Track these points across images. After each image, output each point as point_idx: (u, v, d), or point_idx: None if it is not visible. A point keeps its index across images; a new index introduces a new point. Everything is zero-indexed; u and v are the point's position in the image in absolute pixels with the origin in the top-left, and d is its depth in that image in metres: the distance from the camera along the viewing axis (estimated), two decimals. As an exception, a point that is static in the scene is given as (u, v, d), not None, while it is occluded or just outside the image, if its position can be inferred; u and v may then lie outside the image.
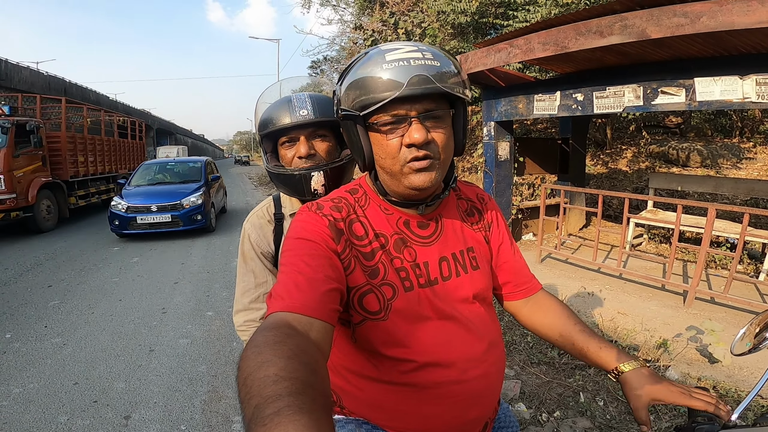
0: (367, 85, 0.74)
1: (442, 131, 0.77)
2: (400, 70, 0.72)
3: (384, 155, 0.77)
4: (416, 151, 0.74)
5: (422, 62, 0.73)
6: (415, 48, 0.75)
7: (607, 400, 2.39)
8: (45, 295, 4.55)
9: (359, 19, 13.15)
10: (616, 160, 10.08)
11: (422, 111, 0.74)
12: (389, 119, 0.75)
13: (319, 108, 1.18)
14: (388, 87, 0.72)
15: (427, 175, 0.76)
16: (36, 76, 21.05)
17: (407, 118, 0.74)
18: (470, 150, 10.76)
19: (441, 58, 0.76)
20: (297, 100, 1.19)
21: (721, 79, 3.45)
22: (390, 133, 0.76)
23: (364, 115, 0.75)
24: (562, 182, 6.56)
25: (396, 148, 0.76)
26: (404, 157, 0.75)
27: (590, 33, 3.66)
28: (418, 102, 0.74)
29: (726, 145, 9.03)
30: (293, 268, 0.70)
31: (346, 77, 0.78)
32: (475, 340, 0.83)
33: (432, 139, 0.75)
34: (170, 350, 3.25)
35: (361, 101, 0.74)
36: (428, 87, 0.72)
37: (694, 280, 3.68)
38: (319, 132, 1.20)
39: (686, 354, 2.86)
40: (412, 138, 0.73)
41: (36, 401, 2.59)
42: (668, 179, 6.40)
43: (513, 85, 5.25)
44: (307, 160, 1.19)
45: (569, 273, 4.74)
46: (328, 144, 1.22)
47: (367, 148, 0.79)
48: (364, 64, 0.75)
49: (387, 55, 0.74)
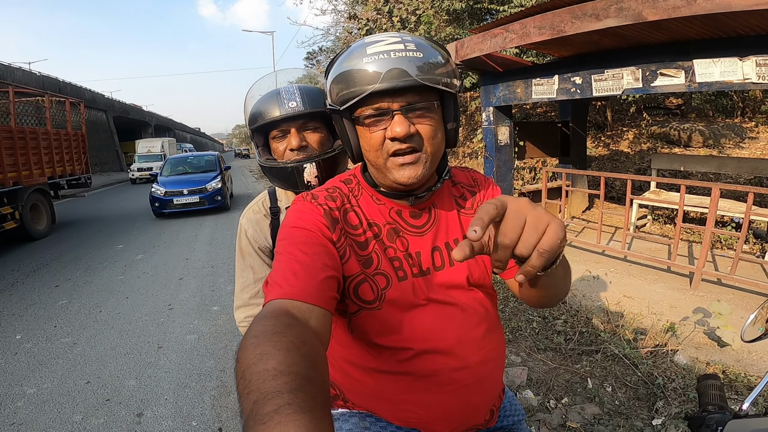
0: (349, 78, 0.73)
1: (428, 123, 0.75)
2: (379, 63, 0.71)
3: (368, 148, 0.77)
4: (399, 144, 0.74)
5: (402, 54, 0.72)
6: (398, 39, 0.74)
7: (615, 386, 2.40)
8: (53, 295, 4.58)
9: (353, 8, 12.98)
10: (618, 142, 10.01)
11: (404, 104, 0.73)
12: (372, 112, 0.74)
13: (309, 99, 1.17)
14: (368, 80, 0.71)
15: (413, 170, 0.75)
16: (29, 77, 20.94)
17: (390, 111, 0.73)
18: (470, 135, 10.70)
19: (425, 49, 0.74)
20: (286, 93, 1.18)
21: (720, 60, 3.42)
22: (373, 126, 0.75)
23: (349, 108, 0.75)
24: (564, 165, 6.53)
25: (379, 141, 0.75)
26: (387, 150, 0.75)
27: (586, 16, 3.62)
28: (400, 95, 0.73)
29: (728, 125, 8.95)
30: (290, 257, 0.70)
31: (331, 71, 0.78)
32: (471, 326, 0.83)
33: (416, 132, 0.74)
34: (178, 346, 3.27)
35: (342, 96, 0.74)
36: (405, 80, 0.71)
37: (700, 261, 3.68)
38: (309, 124, 1.19)
39: (694, 338, 2.86)
40: (394, 132, 0.73)
41: (50, 401, 2.62)
42: (671, 160, 6.35)
43: (510, 70, 5.20)
44: (298, 152, 1.18)
45: (573, 256, 4.74)
46: (320, 135, 1.21)
47: (354, 141, 0.79)
48: (347, 58, 0.75)
49: (368, 48, 0.73)
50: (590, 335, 2.92)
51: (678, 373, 2.39)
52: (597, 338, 2.86)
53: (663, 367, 2.48)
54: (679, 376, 2.37)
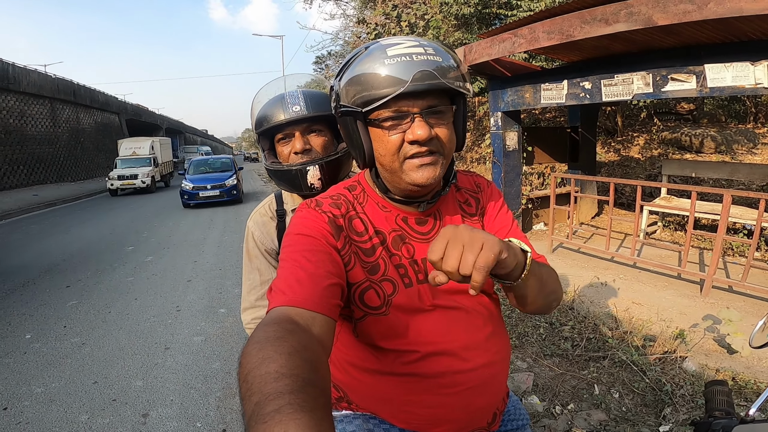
0: (369, 80, 0.72)
1: (445, 127, 0.76)
2: (403, 65, 0.70)
3: (384, 152, 0.76)
4: (419, 147, 0.74)
5: (425, 57, 0.72)
6: (416, 43, 0.74)
7: (622, 392, 2.37)
8: (63, 295, 4.64)
9: (362, 12, 13.08)
10: (628, 148, 9.92)
11: (425, 107, 0.73)
12: (391, 115, 0.74)
13: (312, 103, 1.19)
14: (391, 83, 0.71)
15: (431, 171, 0.75)
16: (44, 79, 21.29)
17: (409, 114, 0.73)
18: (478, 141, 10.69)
19: (442, 53, 0.75)
20: (290, 97, 1.19)
21: (732, 65, 3.38)
22: (392, 129, 0.75)
23: (366, 111, 0.74)
24: (573, 171, 6.48)
25: (396, 144, 0.75)
26: (405, 153, 0.75)
27: (595, 21, 3.60)
28: (421, 98, 0.73)
29: (740, 131, 8.82)
30: (294, 264, 0.70)
31: (346, 72, 0.77)
32: (476, 329, 0.83)
33: (435, 135, 0.74)
34: (185, 348, 3.30)
35: (362, 97, 0.73)
36: (432, 83, 0.71)
37: (711, 268, 3.62)
38: (313, 127, 1.21)
39: (704, 344, 2.82)
40: (416, 135, 0.72)
41: (57, 400, 2.65)
42: (682, 166, 6.28)
43: (519, 75, 5.19)
44: (302, 155, 1.19)
45: (582, 263, 4.70)
46: (324, 138, 1.22)
47: (368, 144, 0.78)
48: (365, 60, 0.74)
49: (389, 50, 0.72)
50: (598, 341, 2.89)
51: (687, 380, 2.36)
52: (605, 344, 2.83)
53: (671, 373, 2.45)
54: (688, 382, 2.33)
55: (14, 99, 18.70)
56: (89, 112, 26.57)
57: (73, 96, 24.07)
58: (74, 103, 24.34)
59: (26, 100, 19.67)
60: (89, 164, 25.01)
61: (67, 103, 23.52)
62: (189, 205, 11.23)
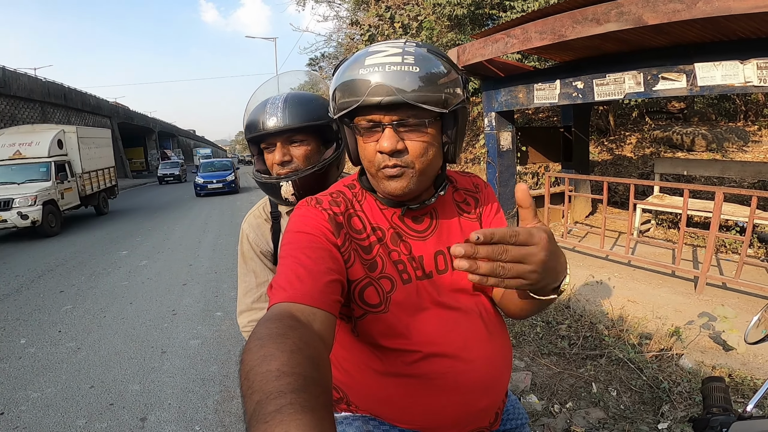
0: (347, 87, 0.74)
1: (419, 139, 0.74)
2: (372, 75, 0.70)
3: (363, 157, 0.78)
4: (387, 159, 0.74)
5: (398, 68, 0.70)
6: (398, 51, 0.72)
7: (620, 390, 2.39)
8: (57, 300, 4.60)
9: (355, 14, 13.08)
10: (621, 147, 9.99)
11: (396, 119, 0.73)
12: (366, 124, 0.75)
13: (293, 113, 1.14)
14: (361, 92, 0.71)
15: (399, 182, 0.75)
16: (35, 83, 21.06)
17: (381, 124, 0.74)
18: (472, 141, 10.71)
19: (426, 62, 0.72)
20: (270, 107, 1.16)
21: (721, 63, 3.42)
22: (367, 137, 0.76)
23: (349, 115, 0.76)
24: (566, 170, 6.52)
25: (372, 152, 0.76)
26: (378, 163, 0.75)
27: (587, 21, 3.64)
28: (393, 110, 0.72)
29: (731, 129, 8.92)
30: (294, 260, 0.71)
31: (335, 76, 0.79)
32: (477, 329, 0.83)
33: (404, 148, 0.74)
34: (182, 351, 3.28)
35: (341, 103, 0.75)
36: (389, 98, 0.69)
37: (705, 265, 3.66)
38: (295, 138, 1.17)
39: (699, 342, 2.85)
40: (381, 146, 0.73)
41: (54, 405, 2.63)
42: (674, 164, 6.34)
43: (512, 75, 5.21)
44: (281, 166, 1.17)
45: (577, 261, 4.73)
46: (306, 148, 1.18)
47: (353, 147, 0.81)
48: (349, 66, 0.75)
49: (368, 58, 0.72)
50: (594, 340, 2.91)
51: (683, 377, 2.38)
52: (601, 342, 2.85)
53: (668, 371, 2.47)
54: (685, 379, 2.35)
55: (5, 102, 18.50)
56: (81, 115, 26.33)
57: (63, 99, 23.84)
58: (65, 106, 24.11)
59: (17, 103, 19.46)
60: (81, 168, 24.75)
61: (57, 106, 23.29)
62: (200, 195, 15.17)
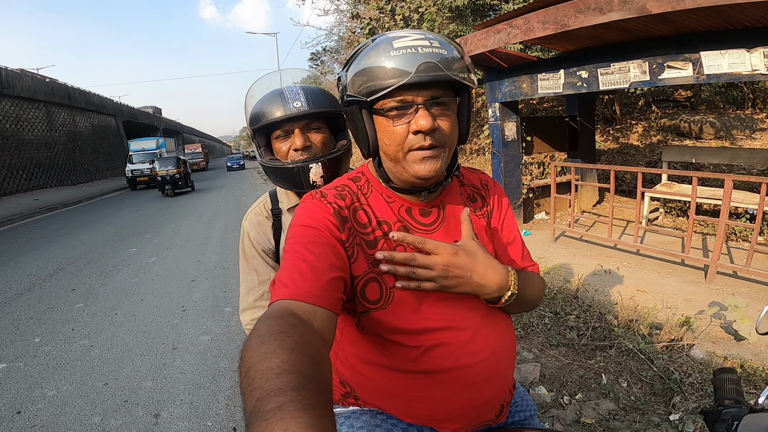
0: (375, 71, 0.74)
1: (448, 119, 0.77)
2: (408, 57, 0.72)
3: (389, 141, 0.77)
4: (423, 139, 0.75)
5: (430, 50, 0.73)
6: (422, 36, 0.75)
7: (630, 381, 2.38)
8: (69, 298, 4.66)
9: (355, 8, 12.96)
10: (627, 135, 9.89)
11: (428, 98, 0.74)
12: (395, 105, 0.75)
13: (313, 99, 1.17)
14: (396, 74, 0.72)
15: (433, 164, 0.77)
16: (38, 83, 21.15)
17: (413, 104, 0.74)
18: (477, 132, 10.65)
19: (447, 46, 0.76)
20: (289, 93, 1.17)
21: (728, 52, 3.38)
22: (396, 119, 0.76)
23: (371, 100, 0.76)
24: (572, 159, 6.47)
25: (402, 134, 0.76)
26: (410, 144, 0.76)
27: (589, 10, 3.60)
28: (425, 89, 0.74)
29: (739, 117, 8.79)
30: (297, 256, 0.71)
31: (353, 64, 0.79)
32: (482, 322, 0.83)
33: (438, 126, 0.75)
34: (192, 347, 3.32)
35: (367, 87, 0.75)
36: (436, 74, 0.72)
37: (715, 253, 3.63)
38: (313, 124, 1.19)
39: (710, 331, 2.82)
40: (419, 125, 0.73)
41: (70, 403, 2.67)
42: (682, 152, 6.27)
43: (516, 66, 5.17)
44: (302, 152, 1.18)
45: (584, 251, 4.71)
46: (323, 135, 1.21)
47: (372, 134, 0.80)
48: (372, 51, 0.76)
49: (395, 42, 0.74)
50: (604, 330, 2.90)
51: (695, 368, 2.37)
52: (611, 333, 2.84)
53: (679, 361, 2.46)
54: (696, 370, 2.34)
55: (9, 103, 18.63)
56: (85, 115, 26.47)
57: (68, 99, 23.95)
58: (70, 106, 24.23)
59: (21, 104, 19.59)
60: (88, 167, 24.97)
61: (62, 106, 23.42)
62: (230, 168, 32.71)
